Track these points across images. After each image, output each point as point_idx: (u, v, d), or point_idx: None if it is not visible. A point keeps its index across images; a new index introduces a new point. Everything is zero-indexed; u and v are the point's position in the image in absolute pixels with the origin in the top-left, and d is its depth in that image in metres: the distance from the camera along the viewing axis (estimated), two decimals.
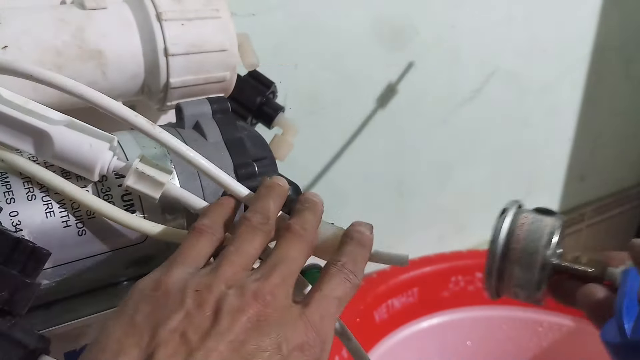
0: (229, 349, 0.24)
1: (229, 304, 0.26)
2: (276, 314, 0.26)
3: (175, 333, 0.24)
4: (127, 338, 0.24)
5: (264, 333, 0.25)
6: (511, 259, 0.35)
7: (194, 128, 0.37)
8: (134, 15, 0.38)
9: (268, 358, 0.25)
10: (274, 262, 0.28)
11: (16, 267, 0.26)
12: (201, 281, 0.26)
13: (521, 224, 0.36)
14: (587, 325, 0.82)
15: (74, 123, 0.30)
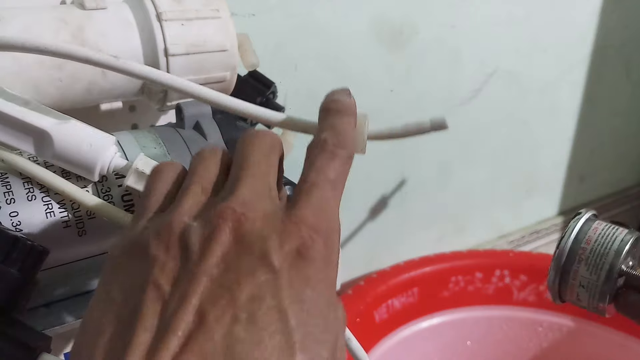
0: (208, 284, 0.21)
1: (195, 235, 0.22)
2: (255, 224, 0.22)
3: (150, 291, 0.21)
4: (105, 315, 0.21)
5: (245, 251, 0.21)
6: (579, 257, 0.35)
7: (194, 128, 0.37)
8: (134, 15, 0.38)
9: (261, 278, 0.21)
10: (234, 175, 0.24)
11: (15, 266, 0.26)
12: (162, 223, 0.23)
13: (595, 228, 0.36)
14: (587, 325, 0.83)
15: (74, 123, 0.30)
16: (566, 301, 0.37)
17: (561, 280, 0.36)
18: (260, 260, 0.21)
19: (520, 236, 0.98)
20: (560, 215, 1.04)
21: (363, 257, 0.81)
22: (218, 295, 0.20)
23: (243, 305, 0.20)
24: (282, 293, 0.21)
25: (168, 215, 0.23)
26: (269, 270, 0.21)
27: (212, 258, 0.21)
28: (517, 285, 0.81)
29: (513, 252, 0.85)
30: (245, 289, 0.20)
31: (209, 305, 0.20)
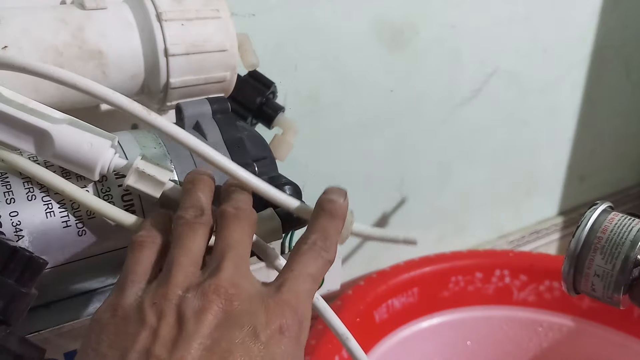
0: (202, 351, 0.23)
1: (190, 307, 0.24)
2: (244, 303, 0.25)
3: (143, 353, 0.23)
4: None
5: (236, 325, 0.24)
6: (594, 246, 0.35)
7: (194, 128, 0.37)
8: (134, 15, 0.38)
9: (247, 349, 0.24)
10: (220, 252, 0.27)
11: (12, 277, 0.26)
12: (156, 293, 0.25)
13: (611, 218, 0.36)
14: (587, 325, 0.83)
15: (75, 122, 0.30)
16: (580, 292, 0.37)
17: (576, 270, 0.36)
18: (250, 333, 0.24)
19: (520, 236, 0.98)
20: (560, 215, 1.03)
21: (363, 257, 0.81)
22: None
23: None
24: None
25: (162, 287, 0.26)
26: (257, 342, 0.24)
27: (205, 328, 0.24)
28: (517, 285, 0.81)
29: (513, 252, 0.84)
30: (237, 358, 0.23)
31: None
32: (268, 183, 0.32)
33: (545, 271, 0.80)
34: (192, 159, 0.35)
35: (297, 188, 0.37)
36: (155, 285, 0.26)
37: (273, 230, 0.34)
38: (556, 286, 0.80)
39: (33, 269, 0.26)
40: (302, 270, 0.28)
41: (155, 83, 0.39)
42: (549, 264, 0.81)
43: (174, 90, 0.40)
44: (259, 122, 0.49)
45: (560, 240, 1.05)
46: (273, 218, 0.34)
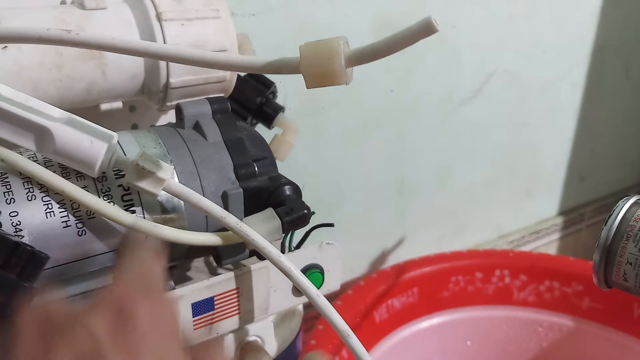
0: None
1: None
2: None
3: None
4: None
5: None
6: (627, 234, 0.35)
7: (194, 128, 0.37)
8: (134, 15, 0.38)
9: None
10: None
11: (14, 271, 0.26)
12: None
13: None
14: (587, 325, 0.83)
15: (75, 119, 0.30)
16: (612, 286, 0.37)
17: (607, 260, 0.36)
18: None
19: (520, 236, 0.98)
20: (560, 215, 1.04)
21: (363, 257, 0.81)
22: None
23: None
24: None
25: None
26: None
27: None
28: (517, 285, 0.81)
29: (513, 252, 0.84)
30: None
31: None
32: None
33: (545, 271, 0.80)
34: (192, 159, 0.35)
35: (297, 188, 0.37)
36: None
37: (273, 230, 0.34)
38: (556, 286, 0.80)
39: (35, 263, 0.26)
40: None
41: (155, 83, 0.39)
42: (549, 264, 0.81)
43: (174, 90, 0.40)
44: (259, 122, 0.49)
45: (560, 240, 1.05)
46: (273, 218, 0.34)
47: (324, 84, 0.26)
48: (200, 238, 0.33)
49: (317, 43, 0.26)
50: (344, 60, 0.26)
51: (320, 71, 0.26)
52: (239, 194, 0.35)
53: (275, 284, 0.37)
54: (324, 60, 0.26)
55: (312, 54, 0.26)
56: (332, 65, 0.26)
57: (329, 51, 0.26)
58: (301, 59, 0.27)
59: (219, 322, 0.36)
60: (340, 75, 0.26)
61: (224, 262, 0.36)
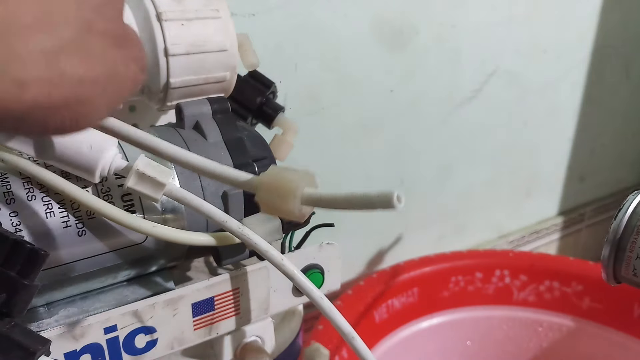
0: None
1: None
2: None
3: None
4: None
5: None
6: (637, 229, 0.35)
7: (194, 128, 0.37)
8: (134, 15, 0.38)
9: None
10: None
11: (14, 269, 0.26)
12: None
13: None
14: (587, 325, 0.83)
15: None
16: (621, 281, 0.37)
17: (616, 255, 0.35)
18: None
19: (520, 236, 0.98)
20: (560, 215, 1.04)
21: (363, 257, 0.81)
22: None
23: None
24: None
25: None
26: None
27: None
28: (517, 285, 0.81)
29: (513, 252, 0.84)
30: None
31: None
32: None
33: (545, 271, 0.80)
34: None
35: None
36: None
37: (273, 230, 0.34)
38: (556, 286, 0.80)
39: (35, 261, 0.26)
40: None
41: (155, 83, 0.39)
42: (549, 264, 0.81)
43: (174, 90, 0.40)
44: (259, 122, 0.49)
45: (560, 240, 1.05)
46: (273, 218, 0.34)
47: (278, 215, 0.27)
48: (201, 238, 0.33)
49: (277, 179, 0.26)
50: (300, 202, 0.26)
51: (274, 206, 0.26)
52: (239, 194, 0.35)
53: (275, 284, 0.37)
54: (279, 198, 0.26)
55: (271, 189, 0.26)
56: (286, 205, 0.26)
57: (285, 192, 0.26)
58: (257, 191, 0.26)
59: (219, 322, 0.36)
60: (293, 214, 0.26)
61: (224, 262, 0.36)
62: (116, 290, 0.34)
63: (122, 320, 0.32)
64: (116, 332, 0.32)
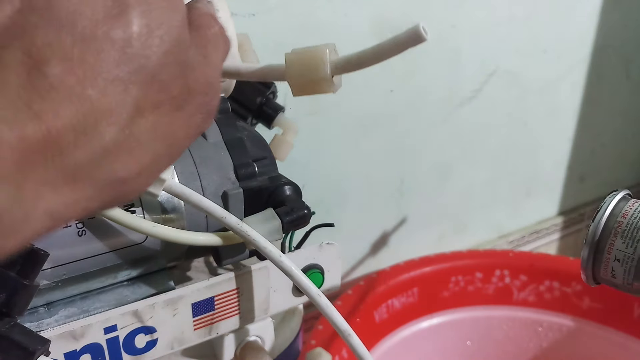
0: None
1: None
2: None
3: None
4: None
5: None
6: (615, 231, 0.35)
7: None
8: None
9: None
10: None
11: (14, 269, 0.26)
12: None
13: (631, 204, 0.36)
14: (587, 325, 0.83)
15: None
16: (600, 282, 0.37)
17: (595, 257, 0.35)
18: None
19: (520, 236, 0.98)
20: (560, 215, 1.04)
21: (363, 257, 0.81)
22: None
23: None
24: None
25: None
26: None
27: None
28: (517, 285, 0.81)
29: (513, 252, 0.84)
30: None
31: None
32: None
33: (545, 271, 0.80)
34: (192, 159, 0.35)
35: (297, 188, 0.37)
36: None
37: (273, 230, 0.34)
38: (556, 286, 0.80)
39: (35, 260, 0.26)
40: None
41: None
42: (549, 264, 0.81)
43: None
44: (259, 122, 0.49)
45: (560, 240, 1.05)
46: (273, 218, 0.34)
47: (310, 92, 0.26)
48: (200, 238, 0.33)
49: (303, 51, 0.26)
50: (330, 69, 0.25)
51: (306, 80, 0.25)
52: (239, 194, 0.35)
53: (275, 284, 0.37)
54: (309, 69, 0.25)
55: (298, 62, 0.26)
56: (317, 74, 0.25)
57: (314, 60, 0.25)
58: (286, 67, 0.26)
59: (219, 322, 0.36)
60: (325, 84, 0.25)
61: (224, 262, 0.36)
62: (116, 290, 0.34)
63: (122, 320, 0.32)
64: (116, 332, 0.31)
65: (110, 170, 0.18)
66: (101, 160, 0.17)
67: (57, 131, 0.16)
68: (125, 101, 0.17)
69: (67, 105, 0.16)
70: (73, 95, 0.16)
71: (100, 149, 0.17)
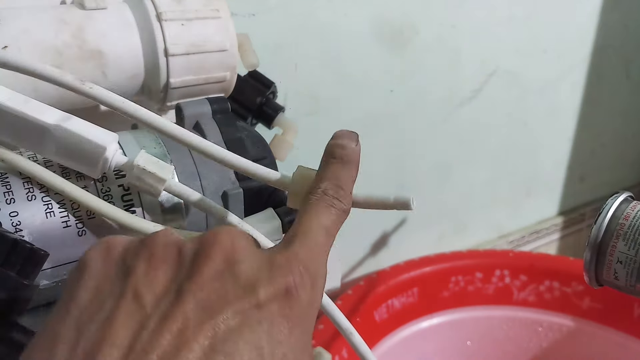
0: (194, 307, 0.19)
1: (188, 249, 0.21)
2: (247, 255, 0.21)
3: (128, 300, 0.19)
4: (65, 320, 0.20)
5: (234, 279, 0.20)
6: (617, 233, 0.35)
7: (194, 128, 0.37)
8: (134, 15, 0.38)
9: (244, 308, 0.19)
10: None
11: (14, 269, 0.26)
12: (146, 238, 0.22)
13: (633, 206, 0.36)
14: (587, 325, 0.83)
15: (75, 120, 0.30)
16: (603, 284, 0.37)
17: (597, 259, 0.36)
18: (245, 290, 0.20)
19: (520, 236, 0.98)
20: (560, 215, 1.03)
21: (363, 257, 0.81)
22: (201, 320, 0.19)
23: (222, 334, 0.19)
24: (260, 329, 0.19)
25: (154, 234, 0.22)
26: (253, 302, 0.20)
27: (202, 276, 0.20)
28: (517, 285, 0.81)
29: (513, 252, 0.85)
30: (226, 318, 0.19)
31: (192, 330, 0.18)
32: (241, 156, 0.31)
33: (545, 271, 0.80)
34: (192, 159, 0.35)
35: None
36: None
37: (273, 230, 0.34)
38: (556, 286, 0.80)
39: (34, 260, 0.26)
40: (313, 223, 0.24)
41: (156, 83, 0.39)
42: (549, 264, 0.81)
43: (174, 90, 0.40)
44: (259, 122, 0.49)
45: (560, 240, 1.05)
46: (273, 218, 0.34)
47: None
48: None
49: (306, 173, 0.29)
50: None
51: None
52: (239, 193, 0.35)
53: None
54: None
55: (301, 184, 0.29)
56: None
57: None
58: (291, 184, 0.29)
59: None
60: None
61: None
62: None
63: None
64: None
65: None
66: None
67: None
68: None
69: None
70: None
71: None
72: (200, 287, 0.19)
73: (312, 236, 0.23)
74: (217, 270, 0.20)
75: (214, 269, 0.20)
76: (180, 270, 0.20)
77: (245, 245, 0.21)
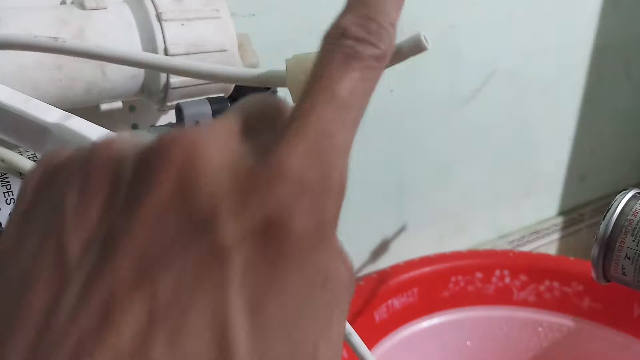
0: (130, 264, 0.12)
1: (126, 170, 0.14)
2: (209, 170, 0.13)
3: (48, 258, 0.13)
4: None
5: (186, 215, 0.12)
6: (625, 229, 0.35)
7: None
8: (134, 15, 0.38)
9: (199, 264, 0.12)
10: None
11: None
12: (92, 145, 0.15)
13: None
14: (587, 325, 0.83)
15: (75, 119, 0.30)
16: (610, 279, 0.37)
17: (606, 255, 0.36)
18: (202, 230, 0.12)
19: (520, 236, 0.98)
20: (560, 215, 1.04)
21: (363, 257, 0.81)
22: (135, 287, 0.12)
23: (163, 311, 0.11)
24: (229, 297, 0.12)
25: (95, 144, 0.15)
26: (213, 251, 0.12)
27: (140, 214, 0.12)
28: (517, 285, 0.81)
29: (513, 252, 0.85)
30: (168, 284, 0.12)
31: (121, 303, 0.11)
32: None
33: (545, 271, 0.80)
34: None
35: None
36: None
37: None
38: (556, 286, 0.80)
39: None
40: (318, 96, 0.15)
41: (156, 83, 0.39)
42: (549, 264, 0.81)
43: (174, 90, 0.40)
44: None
45: (560, 240, 1.05)
46: None
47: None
48: None
49: (303, 57, 0.25)
50: None
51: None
52: None
53: None
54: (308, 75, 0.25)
55: (299, 69, 0.25)
56: None
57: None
58: (287, 74, 0.26)
59: None
60: None
61: None
62: None
63: None
64: None
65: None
66: None
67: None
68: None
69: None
70: None
71: None
72: (136, 232, 0.12)
73: (317, 122, 0.15)
74: (163, 200, 0.12)
75: (160, 198, 0.12)
76: (113, 203, 0.13)
77: (215, 153, 0.13)
